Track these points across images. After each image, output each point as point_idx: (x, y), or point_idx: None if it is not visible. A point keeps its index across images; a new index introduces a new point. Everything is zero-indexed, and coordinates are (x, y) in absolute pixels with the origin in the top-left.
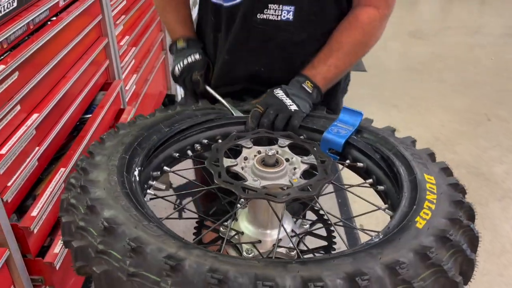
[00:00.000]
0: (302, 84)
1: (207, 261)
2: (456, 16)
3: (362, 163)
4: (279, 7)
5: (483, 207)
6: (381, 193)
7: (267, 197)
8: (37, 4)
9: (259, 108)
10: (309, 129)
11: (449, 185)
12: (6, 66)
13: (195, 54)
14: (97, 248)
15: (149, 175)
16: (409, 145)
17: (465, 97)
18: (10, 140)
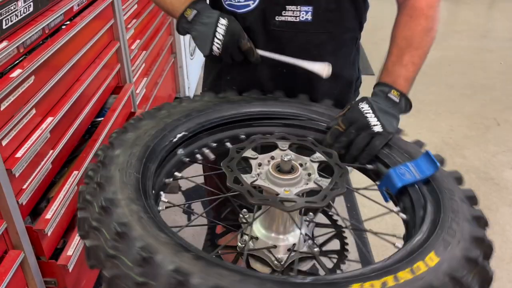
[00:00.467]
0: (388, 94)
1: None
2: (464, 20)
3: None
4: (297, 8)
5: (493, 213)
6: (392, 196)
7: (310, 205)
8: (52, 9)
9: (341, 126)
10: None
11: (472, 217)
12: (23, 71)
13: (220, 20)
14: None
15: (171, 171)
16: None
17: (474, 102)
18: (25, 143)
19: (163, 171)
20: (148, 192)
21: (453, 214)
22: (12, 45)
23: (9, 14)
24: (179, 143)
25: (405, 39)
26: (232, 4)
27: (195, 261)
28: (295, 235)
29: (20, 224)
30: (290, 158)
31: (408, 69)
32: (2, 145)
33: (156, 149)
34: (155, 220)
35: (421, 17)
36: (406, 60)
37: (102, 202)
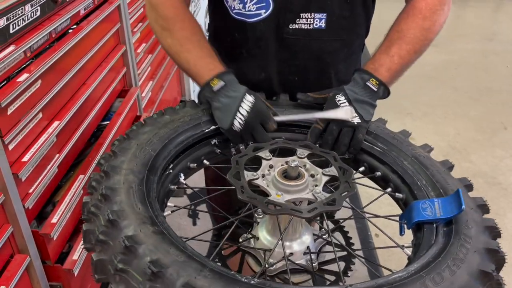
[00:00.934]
0: (366, 83)
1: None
2: (470, 23)
3: (379, 172)
4: (311, 15)
5: (501, 217)
6: (378, 180)
7: (293, 212)
8: (59, 13)
9: (319, 124)
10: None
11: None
12: (30, 75)
13: (246, 96)
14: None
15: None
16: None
17: (481, 105)
18: (32, 147)
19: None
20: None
21: (452, 262)
22: (19, 49)
23: (16, 18)
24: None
25: (398, 32)
26: (241, 13)
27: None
28: (298, 243)
29: (26, 228)
30: (297, 165)
31: (393, 60)
32: (8, 149)
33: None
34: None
35: (419, 16)
36: (393, 51)
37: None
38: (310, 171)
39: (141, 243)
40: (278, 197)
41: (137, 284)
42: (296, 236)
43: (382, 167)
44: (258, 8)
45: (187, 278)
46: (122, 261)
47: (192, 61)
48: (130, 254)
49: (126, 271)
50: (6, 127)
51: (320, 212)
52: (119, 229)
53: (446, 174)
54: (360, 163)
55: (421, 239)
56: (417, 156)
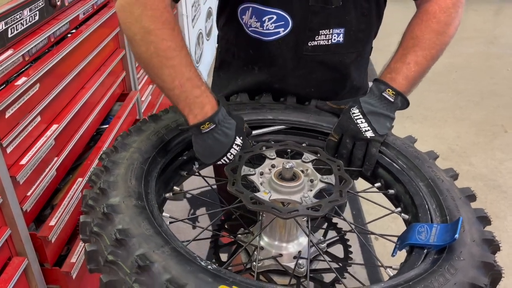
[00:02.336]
0: (383, 93)
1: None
2: (471, 26)
3: (392, 190)
4: (329, 31)
5: (501, 220)
6: (391, 198)
7: (272, 210)
8: (58, 18)
9: (334, 137)
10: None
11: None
12: (28, 78)
13: (236, 140)
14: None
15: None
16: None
17: (482, 108)
18: (30, 150)
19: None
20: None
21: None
22: (18, 53)
23: (15, 22)
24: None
25: (412, 39)
26: (257, 31)
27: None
28: (291, 246)
29: (24, 231)
30: (291, 166)
31: (410, 68)
32: (6, 152)
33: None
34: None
35: (433, 21)
36: (410, 58)
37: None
38: (310, 176)
39: (120, 213)
40: (265, 195)
41: (106, 249)
42: (290, 239)
43: (397, 185)
44: (276, 27)
45: (145, 250)
46: (97, 225)
47: (177, 82)
48: (107, 221)
49: (100, 234)
50: (4, 130)
51: (300, 215)
52: (107, 197)
53: (461, 201)
54: (377, 178)
55: (408, 262)
56: (435, 179)
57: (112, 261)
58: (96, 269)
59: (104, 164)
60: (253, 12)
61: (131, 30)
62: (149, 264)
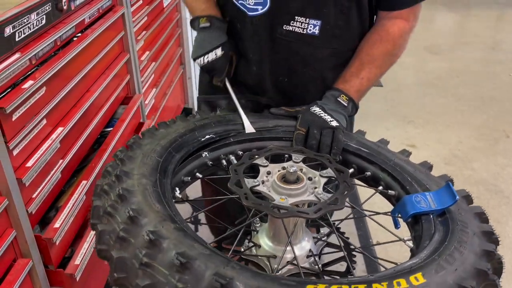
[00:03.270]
0: (338, 98)
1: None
2: (473, 31)
3: (393, 191)
4: (305, 20)
5: (503, 226)
6: (369, 180)
7: (300, 214)
8: (64, 22)
9: (301, 130)
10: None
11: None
12: (35, 82)
13: (216, 50)
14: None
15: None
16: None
17: (483, 113)
18: (36, 153)
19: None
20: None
21: (458, 244)
22: (25, 57)
23: (22, 26)
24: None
25: (369, 55)
26: (244, 5)
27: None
28: (300, 248)
29: (29, 232)
30: (295, 170)
31: (362, 83)
32: (13, 154)
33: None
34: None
35: (390, 42)
36: (364, 74)
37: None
38: (308, 174)
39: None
40: (282, 201)
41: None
42: (298, 241)
43: (371, 167)
44: (256, 4)
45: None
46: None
47: (196, 8)
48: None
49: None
50: (11, 132)
51: (325, 212)
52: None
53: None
54: (349, 165)
55: (421, 230)
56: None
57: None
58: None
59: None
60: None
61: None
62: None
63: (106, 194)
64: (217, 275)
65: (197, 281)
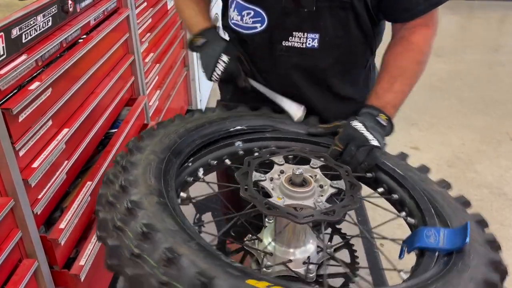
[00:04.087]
0: (377, 118)
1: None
2: (475, 34)
3: (396, 195)
4: (304, 35)
5: (506, 228)
6: (395, 203)
7: (288, 216)
8: (70, 24)
9: (339, 146)
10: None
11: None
12: (41, 83)
13: (221, 57)
14: None
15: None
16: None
17: (486, 116)
18: (42, 154)
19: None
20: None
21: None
22: (31, 58)
23: (28, 28)
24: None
25: (398, 68)
26: (238, 24)
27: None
28: (300, 252)
29: (35, 233)
30: (301, 172)
31: (397, 97)
32: (19, 155)
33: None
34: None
35: (416, 51)
36: (397, 88)
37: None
38: (320, 181)
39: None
40: (279, 200)
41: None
42: (299, 244)
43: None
44: (254, 22)
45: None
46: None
47: (186, 17)
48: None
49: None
50: (17, 133)
51: (315, 220)
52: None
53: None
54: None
55: (419, 265)
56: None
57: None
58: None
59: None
60: (236, 6)
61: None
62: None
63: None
64: (169, 250)
65: (154, 250)
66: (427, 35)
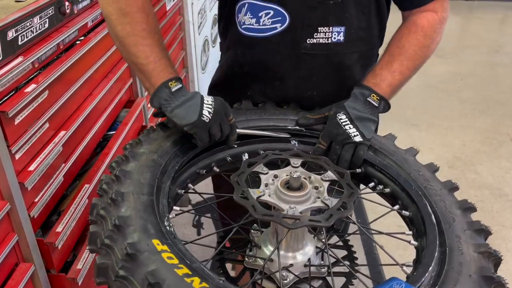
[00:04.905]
0: (368, 98)
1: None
2: (476, 35)
3: (408, 212)
4: (329, 29)
5: (507, 229)
6: (406, 220)
7: (313, 223)
8: (67, 25)
9: (322, 144)
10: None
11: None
12: (38, 85)
13: (205, 97)
14: None
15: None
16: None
17: (487, 117)
18: (38, 156)
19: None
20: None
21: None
22: (28, 60)
23: (25, 30)
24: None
25: (399, 48)
26: (251, 28)
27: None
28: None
29: (31, 237)
30: (299, 175)
31: (395, 76)
32: (15, 158)
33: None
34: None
35: (420, 33)
36: (395, 67)
37: None
38: (314, 183)
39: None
40: (258, 193)
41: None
42: (299, 247)
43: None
44: (273, 22)
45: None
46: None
47: (152, 58)
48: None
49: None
50: (14, 136)
51: (303, 226)
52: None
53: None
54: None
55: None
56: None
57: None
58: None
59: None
60: (248, 8)
61: (107, 10)
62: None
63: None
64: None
65: (123, 237)
66: (433, 20)
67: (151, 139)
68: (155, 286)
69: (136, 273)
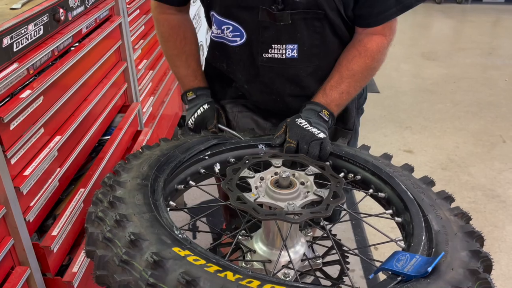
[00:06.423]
0: (320, 113)
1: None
2: (469, 37)
3: (383, 193)
4: (282, 46)
5: (499, 230)
6: (382, 201)
7: (315, 215)
8: (62, 32)
9: (292, 142)
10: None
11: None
12: (32, 91)
13: (203, 105)
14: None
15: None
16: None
17: (480, 119)
18: (34, 161)
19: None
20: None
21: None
22: (22, 67)
23: (19, 37)
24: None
25: (348, 70)
26: (220, 36)
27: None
28: (294, 251)
29: (27, 240)
30: (288, 175)
31: (342, 97)
32: (11, 163)
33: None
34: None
35: (368, 57)
36: (343, 88)
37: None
38: (308, 188)
39: None
40: (253, 196)
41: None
42: (293, 244)
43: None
44: (234, 36)
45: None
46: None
47: (179, 75)
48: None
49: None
50: (9, 141)
51: (306, 219)
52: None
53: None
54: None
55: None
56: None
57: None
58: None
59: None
60: (215, 20)
61: (158, 36)
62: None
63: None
64: (133, 234)
65: (140, 251)
66: (382, 44)
67: (127, 169)
68: (191, 283)
69: (167, 279)
